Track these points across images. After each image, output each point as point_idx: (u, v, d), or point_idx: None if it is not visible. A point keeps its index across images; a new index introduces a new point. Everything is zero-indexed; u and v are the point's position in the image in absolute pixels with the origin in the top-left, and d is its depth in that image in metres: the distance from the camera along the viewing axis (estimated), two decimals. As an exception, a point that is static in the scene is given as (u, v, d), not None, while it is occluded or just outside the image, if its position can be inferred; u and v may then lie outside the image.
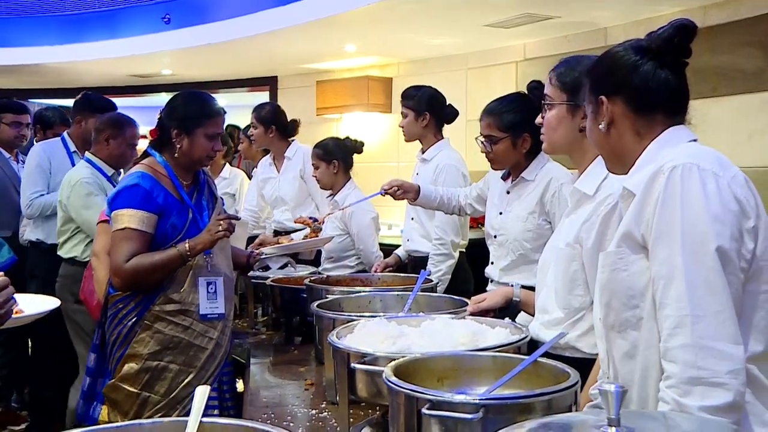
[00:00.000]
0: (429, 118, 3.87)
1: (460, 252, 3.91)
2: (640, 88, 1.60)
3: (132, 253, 2.67)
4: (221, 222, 2.75)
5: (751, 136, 4.51)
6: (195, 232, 2.77)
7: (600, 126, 1.64)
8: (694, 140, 1.58)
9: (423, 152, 3.95)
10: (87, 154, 4.00)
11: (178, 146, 2.80)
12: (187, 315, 2.75)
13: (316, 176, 4.14)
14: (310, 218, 4.07)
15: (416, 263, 3.85)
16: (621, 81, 1.62)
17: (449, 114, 3.94)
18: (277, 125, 4.70)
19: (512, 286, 2.37)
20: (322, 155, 4.07)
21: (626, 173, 1.66)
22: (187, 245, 2.71)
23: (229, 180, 5.41)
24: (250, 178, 5.48)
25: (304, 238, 3.94)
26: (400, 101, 3.99)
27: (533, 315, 2.23)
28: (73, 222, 3.87)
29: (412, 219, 3.98)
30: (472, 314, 2.27)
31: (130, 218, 2.69)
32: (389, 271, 3.79)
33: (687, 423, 1.10)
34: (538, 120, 2.17)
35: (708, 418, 1.29)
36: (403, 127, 3.96)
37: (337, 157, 4.07)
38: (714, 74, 4.51)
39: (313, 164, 4.13)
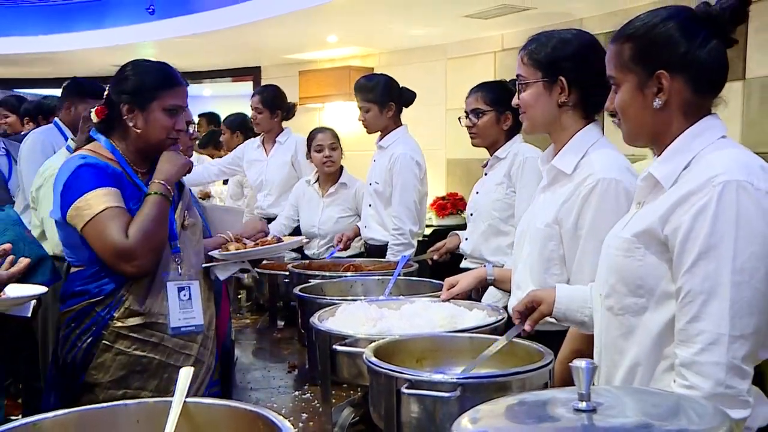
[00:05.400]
0: (394, 108, 3.78)
1: (418, 241, 3.87)
2: (706, 66, 1.47)
3: (125, 227, 2.09)
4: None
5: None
6: None
7: (655, 103, 1.49)
8: (724, 136, 1.50)
9: (381, 139, 3.87)
10: (70, 141, 3.62)
11: (132, 125, 2.21)
12: (155, 329, 2.17)
13: (333, 157, 4.09)
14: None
15: (372, 251, 3.80)
16: (686, 56, 1.46)
17: (409, 97, 3.85)
18: (281, 109, 4.65)
19: (485, 266, 2.36)
20: (338, 138, 4.12)
21: (646, 146, 1.61)
22: (156, 181, 2.17)
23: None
24: None
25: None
26: (355, 95, 3.85)
27: (509, 291, 2.23)
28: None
29: (370, 206, 3.90)
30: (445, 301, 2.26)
31: (104, 198, 2.10)
32: (349, 243, 3.90)
33: (653, 398, 1.11)
34: (515, 101, 2.10)
35: (676, 394, 1.30)
36: (364, 121, 3.83)
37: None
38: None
39: (331, 144, 4.08)
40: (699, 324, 1.36)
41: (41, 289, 1.89)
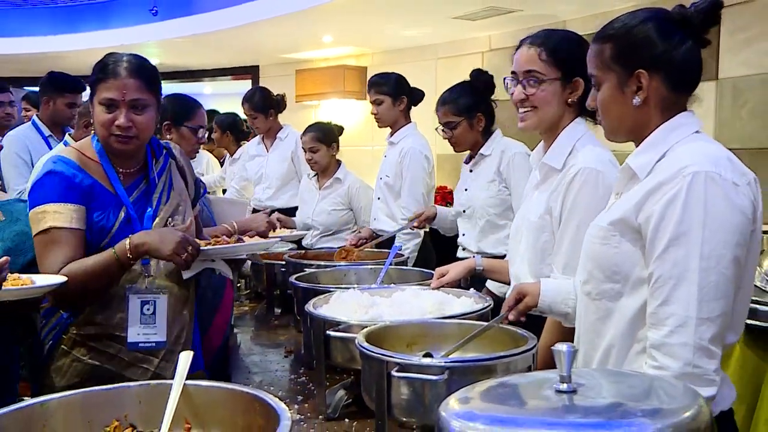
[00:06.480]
0: (405, 101, 3.79)
1: (425, 232, 3.88)
2: (682, 66, 1.48)
3: (65, 258, 1.91)
4: (189, 247, 1.91)
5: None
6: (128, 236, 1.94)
7: (634, 100, 1.50)
8: (698, 131, 1.50)
9: (391, 135, 3.87)
10: (67, 137, 3.26)
11: (92, 121, 2.06)
12: (113, 340, 1.98)
13: (314, 159, 4.05)
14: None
15: (381, 242, 3.78)
16: (663, 56, 1.47)
17: (419, 95, 3.87)
18: (272, 107, 4.67)
19: (474, 257, 2.36)
20: (323, 138, 4.05)
21: (625, 142, 1.59)
22: (127, 243, 1.90)
23: (196, 161, 5.39)
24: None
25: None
26: (369, 90, 3.84)
27: (498, 281, 2.22)
28: None
29: (378, 199, 3.91)
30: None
31: (53, 215, 1.93)
32: (362, 244, 3.80)
33: (630, 379, 1.12)
34: (519, 96, 2.01)
35: (651, 376, 1.31)
36: (376, 114, 3.82)
37: (335, 139, 4.10)
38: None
39: (311, 147, 4.04)
40: (668, 307, 1.37)
41: (62, 279, 1.87)
